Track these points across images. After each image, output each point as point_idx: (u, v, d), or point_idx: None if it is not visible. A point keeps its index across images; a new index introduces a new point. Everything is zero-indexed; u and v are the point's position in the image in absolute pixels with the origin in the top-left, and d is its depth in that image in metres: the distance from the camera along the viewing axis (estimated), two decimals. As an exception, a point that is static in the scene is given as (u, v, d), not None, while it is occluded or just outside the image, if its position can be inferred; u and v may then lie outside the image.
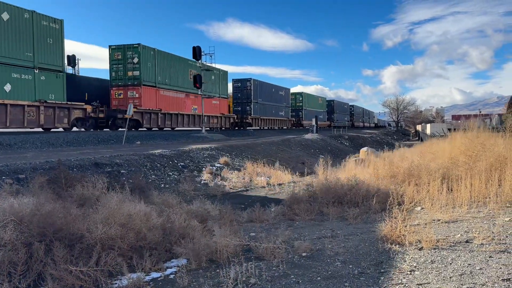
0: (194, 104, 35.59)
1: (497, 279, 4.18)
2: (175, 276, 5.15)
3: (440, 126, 58.62)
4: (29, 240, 5.11)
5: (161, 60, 31.09)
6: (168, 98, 32.09)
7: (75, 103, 24.12)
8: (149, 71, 29.59)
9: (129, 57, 28.60)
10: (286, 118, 57.05)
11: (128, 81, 28.67)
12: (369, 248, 5.77)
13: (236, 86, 46.20)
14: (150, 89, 29.75)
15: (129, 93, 28.59)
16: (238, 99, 45.70)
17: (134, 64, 28.56)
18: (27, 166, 10.50)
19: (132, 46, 28.54)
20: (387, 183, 10.56)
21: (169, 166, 14.83)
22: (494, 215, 6.85)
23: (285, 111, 56.69)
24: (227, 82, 42.37)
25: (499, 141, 12.08)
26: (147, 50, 29.46)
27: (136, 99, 28.42)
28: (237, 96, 45.97)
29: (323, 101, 72.76)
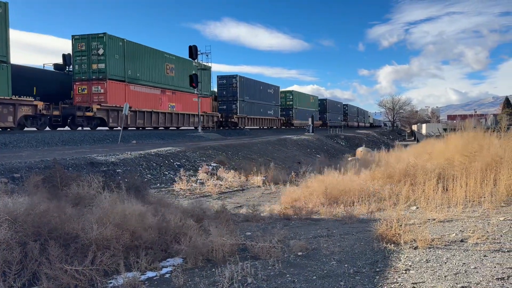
0: (171, 101, 32.94)
1: (492, 278, 4.20)
2: (170, 275, 5.15)
3: (435, 126, 58.86)
4: (24, 239, 5.08)
5: (131, 52, 28.28)
6: (140, 94, 29.23)
7: (22, 99, 20.89)
8: (117, 64, 26.73)
9: (94, 48, 25.78)
10: (275, 118, 54.79)
11: (93, 75, 25.82)
12: (365, 247, 5.78)
13: (221, 83, 43.73)
14: (118, 84, 26.93)
15: (94, 88, 25.75)
16: (224, 97, 43.16)
17: (99, 56, 25.74)
18: (22, 165, 10.46)
19: (97, 36, 25.76)
20: (383, 183, 10.59)
21: (165, 165, 14.81)
22: (489, 215, 6.88)
23: (274, 110, 54.39)
24: (210, 78, 39.80)
25: (495, 141, 12.14)
26: (115, 40, 26.64)
27: (101, 95, 25.66)
28: (222, 94, 43.46)
29: (315, 100, 70.70)
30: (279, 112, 56.50)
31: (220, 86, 43.55)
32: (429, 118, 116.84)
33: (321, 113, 72.58)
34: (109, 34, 25.94)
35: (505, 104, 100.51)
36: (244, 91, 44.36)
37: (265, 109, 50.98)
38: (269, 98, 52.07)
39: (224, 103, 42.95)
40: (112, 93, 26.13)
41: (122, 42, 27.35)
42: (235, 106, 42.82)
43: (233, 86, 43.14)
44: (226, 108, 42.52)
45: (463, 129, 14.37)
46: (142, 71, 29.48)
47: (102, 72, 25.78)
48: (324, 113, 73.31)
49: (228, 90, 43.07)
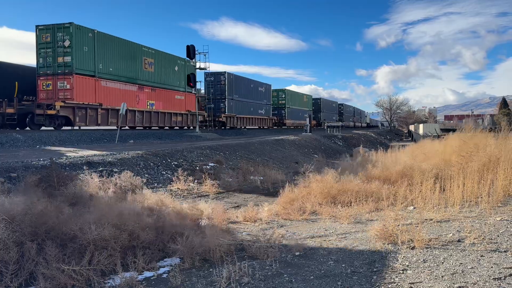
0: (150, 99, 30.02)
1: (489, 278, 4.21)
2: (168, 275, 5.15)
3: (432, 126, 59.03)
4: (21, 239, 5.07)
5: (103, 45, 25.61)
6: (112, 90, 26.29)
7: None
8: (86, 57, 24.23)
9: (59, 39, 23.23)
10: (266, 117, 51.81)
11: (58, 69, 23.25)
12: (362, 248, 5.79)
13: (209, 80, 40.56)
14: (87, 79, 24.37)
15: (59, 83, 23.19)
16: (211, 95, 40.01)
17: (65, 48, 23.17)
18: (19, 165, 10.42)
19: (62, 26, 23.28)
20: (380, 183, 10.61)
21: (162, 165, 14.79)
22: (485, 215, 6.90)
23: (265, 109, 51.44)
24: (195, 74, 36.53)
25: (492, 141, 12.18)
26: (83, 31, 24.07)
27: (67, 91, 23.14)
28: (210, 91, 40.29)
29: (308, 99, 68.00)
30: (271, 111, 53.87)
31: (208, 84, 40.67)
32: (426, 119, 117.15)
33: (315, 113, 70.04)
34: (76, 24, 23.52)
35: (502, 104, 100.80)
36: (233, 89, 41.68)
37: (255, 108, 48.27)
38: (260, 97, 49.51)
39: (211, 101, 39.87)
40: (79, 89, 23.67)
41: (92, 33, 24.71)
42: (223, 105, 40.04)
43: (221, 83, 40.27)
44: (214, 106, 39.50)
45: (461, 129, 14.42)
46: (115, 66, 26.64)
47: (68, 66, 23.25)
48: (318, 113, 70.92)
49: (216, 88, 40.10)
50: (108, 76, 26.04)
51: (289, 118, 57.76)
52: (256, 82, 48.97)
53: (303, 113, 62.60)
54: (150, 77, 30.09)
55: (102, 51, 25.49)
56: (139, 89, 28.89)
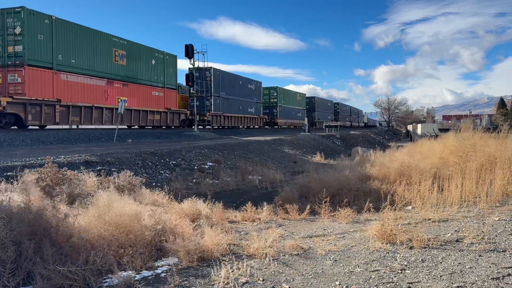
0: (122, 95, 26.92)
1: (487, 278, 4.21)
2: (166, 274, 5.13)
3: (431, 126, 59.17)
4: (19, 238, 5.05)
5: (63, 33, 22.56)
6: (75, 85, 23.32)
7: None
8: (41, 46, 21.32)
9: (10, 26, 20.40)
10: (256, 116, 49.26)
11: (8, 60, 20.45)
12: (360, 247, 5.79)
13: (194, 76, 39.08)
14: (42, 72, 21.40)
15: (10, 76, 20.37)
16: (196, 92, 37.15)
17: (15, 36, 20.36)
18: (16, 164, 10.39)
19: (13, 11, 20.36)
20: (378, 182, 10.61)
21: (160, 164, 14.77)
22: (484, 215, 6.91)
23: (255, 107, 48.68)
24: (175, 69, 33.87)
25: (490, 141, 12.20)
26: (38, 17, 21.11)
27: (18, 85, 20.29)
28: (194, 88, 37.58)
29: (302, 97, 65.73)
30: (261, 110, 51.20)
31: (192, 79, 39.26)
32: (425, 118, 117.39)
33: (310, 112, 67.94)
34: (28, 9, 20.67)
35: (500, 104, 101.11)
36: (220, 86, 38.95)
37: (244, 106, 45.56)
38: (249, 95, 46.86)
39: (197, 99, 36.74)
40: (32, 83, 20.81)
41: (49, 19, 21.74)
42: (209, 103, 37.34)
43: (206, 79, 37.50)
44: (199, 104, 36.67)
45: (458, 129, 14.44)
46: (79, 57, 23.73)
47: (19, 56, 20.42)
48: (312, 112, 68.71)
49: (201, 84, 37.19)
50: (70, 68, 23.11)
51: (281, 117, 55.62)
52: (245, 79, 46.50)
53: (297, 112, 60.98)
54: (122, 71, 27.13)
55: (62, 41, 22.51)
56: (108, 84, 25.90)
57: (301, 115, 62.80)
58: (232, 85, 42.31)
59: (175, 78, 34.17)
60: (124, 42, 27.68)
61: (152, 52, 30.57)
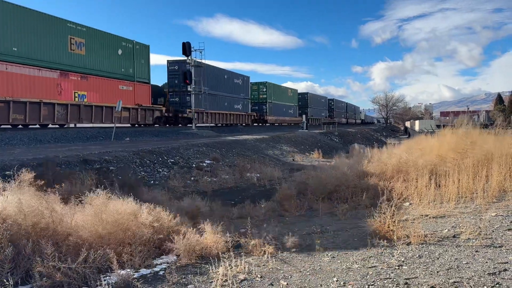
0: (80, 89, 23.48)
1: (483, 273, 4.24)
2: (164, 272, 5.14)
3: (428, 122, 59.27)
4: (16, 237, 5.05)
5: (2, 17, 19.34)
6: (18, 77, 20.02)
7: None
8: None
9: None
10: (244, 113, 45.58)
11: None
12: (358, 244, 5.81)
13: (172, 69, 34.21)
14: None
15: None
16: (175, 87, 33.68)
17: None
18: (14, 163, 10.37)
19: None
20: (375, 179, 10.64)
21: (158, 162, 14.77)
22: (481, 210, 6.94)
23: (243, 104, 45.13)
24: (148, 60, 30.42)
25: (487, 138, 12.24)
26: None
27: None
28: (174, 83, 33.88)
29: (293, 93, 62.41)
30: (249, 106, 47.66)
31: (171, 73, 34.29)
32: (422, 115, 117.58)
33: (302, 109, 64.33)
34: None
35: (498, 100, 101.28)
36: (208, 81, 35.77)
37: (231, 102, 41.98)
38: (236, 90, 43.25)
39: (176, 94, 33.73)
40: None
41: None
42: (190, 99, 33.61)
43: None
44: (179, 100, 33.63)
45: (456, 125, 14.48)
46: (23, 45, 20.34)
47: None
48: (305, 109, 64.61)
49: (180, 79, 33.31)
50: (11, 58, 19.76)
51: (271, 114, 52.22)
52: (231, 73, 42.97)
53: (288, 109, 58.27)
54: (80, 62, 23.62)
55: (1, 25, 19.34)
56: (62, 76, 22.53)
57: (293, 112, 60.64)
58: (216, 79, 38.75)
59: (148, 71, 30.25)
60: (83, 28, 24.09)
61: (118, 41, 26.90)
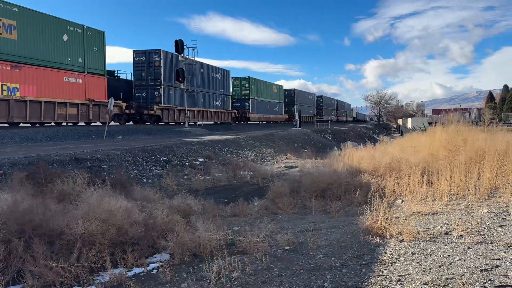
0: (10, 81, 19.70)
1: (476, 269, 4.26)
2: (158, 271, 5.13)
3: (420, 120, 59.61)
4: (8, 236, 5.01)
5: None
6: None
7: None
8: None
9: None
10: (223, 110, 41.91)
11: None
12: (351, 241, 5.83)
13: (139, 61, 31.10)
14: None
15: None
16: (142, 81, 30.82)
17: None
18: (5, 162, 10.28)
19: None
20: (368, 176, 10.67)
21: (151, 161, 14.71)
22: (472, 207, 6.98)
23: (222, 100, 41.41)
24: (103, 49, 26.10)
25: (479, 135, 12.33)
26: None
27: None
28: (140, 76, 30.91)
29: (279, 89, 58.76)
30: (230, 103, 44.15)
31: (138, 65, 31.14)
32: (414, 113, 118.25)
33: (288, 106, 62.01)
34: None
35: (489, 98, 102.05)
36: (173, 74, 31.82)
37: (208, 99, 38.04)
38: (214, 85, 39.42)
39: (143, 88, 30.78)
40: None
41: None
42: (158, 93, 30.76)
43: (155, 65, 30.77)
44: (146, 95, 30.75)
45: (447, 123, 14.57)
46: None
47: None
48: (292, 106, 62.25)
49: (148, 71, 30.68)
50: None
51: (254, 112, 48.84)
52: (208, 66, 38.92)
53: (273, 106, 55.14)
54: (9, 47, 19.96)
55: None
56: None
57: (278, 110, 57.78)
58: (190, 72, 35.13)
59: (103, 61, 26.12)
60: (14, 9, 20.29)
61: (63, 25, 23.01)
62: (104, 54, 26.21)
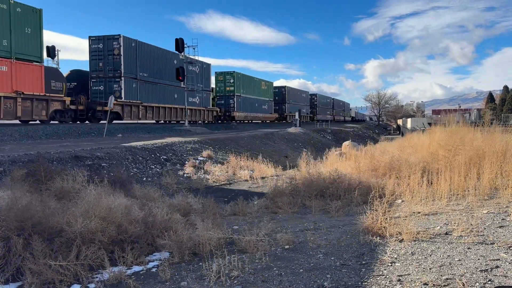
0: None
1: (476, 270, 4.26)
2: (157, 269, 5.12)
3: (420, 120, 59.57)
4: (7, 234, 5.00)
5: None
6: None
7: None
8: None
9: None
10: (203, 108, 37.78)
11: None
12: (351, 240, 5.83)
13: (96, 48, 26.91)
14: None
15: None
16: (99, 72, 26.76)
17: None
18: (5, 159, 10.27)
19: None
20: (368, 176, 10.67)
21: (151, 159, 14.70)
22: (472, 208, 6.98)
23: (201, 97, 36.95)
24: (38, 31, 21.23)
25: (478, 135, 12.31)
26: None
27: None
28: (97, 66, 26.83)
29: (268, 86, 54.23)
30: (210, 100, 39.89)
31: (94, 54, 27.06)
32: (414, 113, 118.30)
33: (279, 104, 58.74)
34: None
35: (489, 99, 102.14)
36: (137, 64, 28.01)
37: (181, 94, 33.70)
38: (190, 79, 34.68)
39: (100, 81, 26.73)
40: None
41: None
42: (118, 87, 26.60)
43: (114, 53, 26.52)
44: (104, 89, 26.64)
45: (446, 123, 14.56)
46: None
47: None
48: (282, 104, 59.21)
49: (106, 60, 26.51)
50: None
51: (240, 110, 44.48)
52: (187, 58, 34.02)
53: (261, 104, 51.38)
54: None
55: None
56: None
57: (267, 108, 53.98)
58: (158, 63, 30.83)
59: (39, 45, 21.64)
60: None
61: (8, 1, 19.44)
62: (41, 37, 21.58)
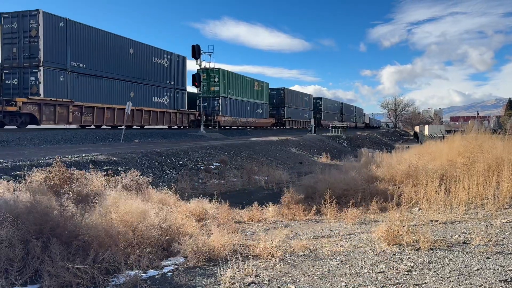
0: None
1: (495, 280, 4.18)
2: (172, 274, 5.14)
3: (438, 127, 58.83)
4: (26, 237, 5.09)
5: None
6: None
7: None
8: None
9: None
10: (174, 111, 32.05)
11: None
12: (367, 248, 5.77)
13: (9, 29, 20.57)
14: None
15: None
16: (13, 60, 20.59)
17: None
18: (24, 163, 10.47)
19: None
20: (385, 183, 10.57)
21: (167, 164, 14.80)
22: (491, 217, 6.86)
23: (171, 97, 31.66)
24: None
25: (498, 143, 12.11)
26: None
27: None
28: (11, 52, 20.65)
29: (263, 88, 48.27)
30: (185, 101, 34.09)
31: (7, 36, 20.68)
32: (432, 120, 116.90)
33: (276, 108, 53.74)
34: None
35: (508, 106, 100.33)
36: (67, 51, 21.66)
37: (149, 93, 28.52)
38: (156, 75, 29.23)
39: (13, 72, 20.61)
40: None
41: None
42: (36, 80, 20.27)
43: (30, 35, 20.24)
44: (19, 82, 20.60)
45: (466, 131, 14.36)
46: None
47: None
48: (280, 108, 54.13)
49: (21, 45, 20.42)
50: None
51: (226, 114, 38.91)
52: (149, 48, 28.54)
53: (254, 107, 45.78)
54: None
55: None
56: None
57: (262, 112, 47.96)
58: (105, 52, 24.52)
59: None
60: None
61: None
62: None
